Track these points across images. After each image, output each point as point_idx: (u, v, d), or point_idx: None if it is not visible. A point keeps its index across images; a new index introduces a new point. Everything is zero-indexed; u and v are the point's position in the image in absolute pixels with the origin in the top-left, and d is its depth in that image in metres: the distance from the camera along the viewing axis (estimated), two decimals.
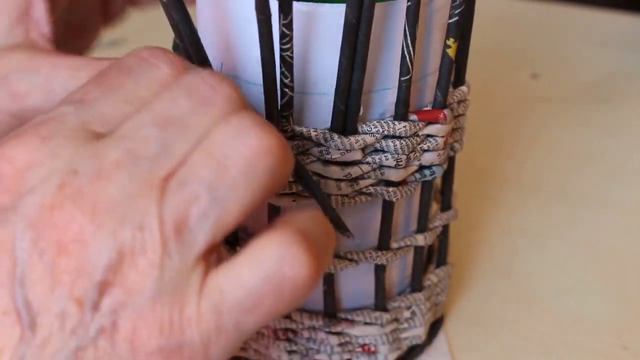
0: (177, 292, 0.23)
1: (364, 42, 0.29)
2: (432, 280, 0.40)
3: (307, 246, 0.24)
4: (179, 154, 0.24)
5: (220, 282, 0.24)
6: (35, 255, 0.23)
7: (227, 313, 0.24)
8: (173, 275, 0.23)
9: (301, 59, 0.31)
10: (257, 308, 0.24)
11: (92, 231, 0.23)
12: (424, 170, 0.35)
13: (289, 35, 0.29)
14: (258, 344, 0.38)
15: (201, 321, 0.24)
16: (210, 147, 0.24)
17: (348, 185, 0.33)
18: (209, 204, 0.24)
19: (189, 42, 0.28)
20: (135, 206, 0.23)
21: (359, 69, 0.30)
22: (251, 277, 0.24)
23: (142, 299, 0.23)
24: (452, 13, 0.32)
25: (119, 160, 0.24)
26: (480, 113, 0.58)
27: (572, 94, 0.64)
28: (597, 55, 0.68)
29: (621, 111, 0.62)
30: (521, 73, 0.66)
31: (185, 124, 0.24)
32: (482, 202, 0.52)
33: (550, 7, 0.76)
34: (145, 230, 0.23)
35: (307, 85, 0.32)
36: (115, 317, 0.23)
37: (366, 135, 0.32)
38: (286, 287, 0.24)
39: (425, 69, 0.34)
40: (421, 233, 0.37)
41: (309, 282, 0.24)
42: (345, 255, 0.36)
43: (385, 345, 0.39)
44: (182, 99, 0.25)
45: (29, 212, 0.23)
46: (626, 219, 0.51)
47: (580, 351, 0.42)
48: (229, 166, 0.24)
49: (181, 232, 0.24)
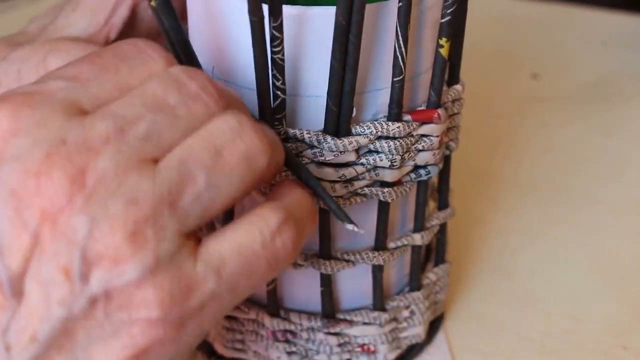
0: (174, 263, 0.24)
1: (355, 43, 0.29)
2: (430, 278, 0.40)
3: (294, 220, 0.26)
4: (169, 137, 0.24)
5: (218, 248, 0.25)
6: (17, 222, 0.23)
7: (225, 277, 0.25)
8: (167, 248, 0.24)
9: (293, 62, 0.31)
10: (252, 274, 0.25)
11: (81, 201, 0.23)
12: (419, 170, 0.35)
13: (279, 37, 0.29)
14: (257, 345, 0.39)
15: (200, 286, 0.24)
16: (209, 136, 0.25)
17: (343, 187, 0.33)
18: (204, 187, 0.24)
19: (179, 47, 0.29)
20: (127, 180, 0.23)
21: (351, 70, 0.30)
22: (247, 242, 0.25)
23: (136, 271, 0.23)
24: (444, 12, 0.32)
25: (109, 135, 0.24)
26: (479, 113, 0.58)
27: (572, 94, 0.64)
28: (597, 55, 0.68)
29: (621, 111, 0.62)
30: (521, 73, 0.66)
31: (175, 114, 0.25)
32: (481, 201, 0.52)
33: (550, 7, 0.76)
34: (139, 204, 0.23)
35: (299, 87, 0.32)
36: (108, 288, 0.23)
37: (360, 136, 0.32)
38: (279, 254, 0.26)
39: (417, 68, 0.34)
40: (418, 232, 0.37)
41: (293, 254, 0.26)
42: (342, 256, 0.36)
43: (384, 345, 0.39)
44: (173, 92, 0.25)
45: (12, 178, 0.23)
46: (626, 218, 0.51)
47: (580, 351, 0.42)
48: (226, 156, 0.25)
49: (174, 209, 0.24)
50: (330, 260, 0.36)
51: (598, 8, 0.75)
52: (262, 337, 0.38)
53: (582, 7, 0.75)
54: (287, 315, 0.37)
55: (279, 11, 0.28)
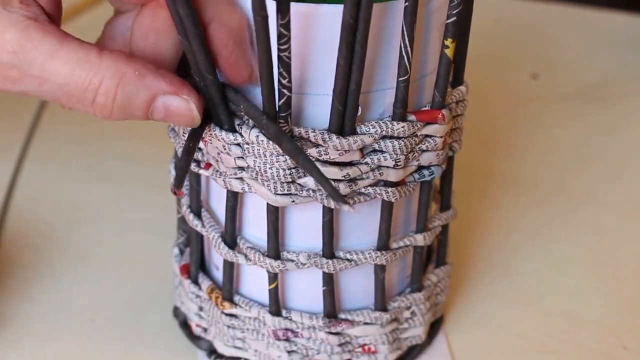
0: None
1: (362, 42, 0.29)
2: (431, 280, 0.40)
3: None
4: None
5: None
6: None
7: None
8: None
9: (301, 60, 0.31)
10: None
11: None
12: (423, 171, 0.35)
13: (286, 35, 0.29)
14: (258, 343, 0.39)
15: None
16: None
17: (347, 186, 0.33)
18: None
19: (193, 37, 0.28)
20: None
21: (357, 69, 0.30)
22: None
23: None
24: (450, 13, 0.32)
25: None
26: (480, 113, 0.58)
27: (572, 94, 0.64)
28: (597, 55, 0.68)
29: (621, 111, 0.62)
30: (521, 73, 0.66)
31: None
32: (482, 202, 0.52)
33: (550, 7, 0.76)
34: None
35: (306, 85, 0.32)
36: None
37: (364, 135, 0.32)
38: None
39: (423, 69, 0.34)
40: (420, 233, 0.37)
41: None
42: (345, 255, 0.36)
43: (385, 345, 0.39)
44: None
45: None
46: (626, 218, 0.51)
47: (580, 351, 0.42)
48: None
49: None
50: (332, 260, 0.35)
51: (598, 8, 0.75)
52: (263, 335, 0.38)
53: (582, 7, 0.75)
54: (288, 314, 0.37)
55: (287, 9, 0.28)
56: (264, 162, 0.33)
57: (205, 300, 0.39)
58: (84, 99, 0.31)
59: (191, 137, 0.33)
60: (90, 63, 0.30)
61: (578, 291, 0.46)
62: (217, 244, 0.37)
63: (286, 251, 0.36)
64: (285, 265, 0.36)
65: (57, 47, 0.30)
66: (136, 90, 0.31)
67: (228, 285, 0.38)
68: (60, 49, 0.30)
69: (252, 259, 0.36)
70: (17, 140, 0.56)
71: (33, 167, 0.54)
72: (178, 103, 0.31)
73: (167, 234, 0.46)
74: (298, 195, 0.33)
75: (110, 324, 0.43)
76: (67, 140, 0.57)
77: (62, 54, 0.30)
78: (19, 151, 0.55)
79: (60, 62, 0.30)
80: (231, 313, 0.38)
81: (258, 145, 0.32)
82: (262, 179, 0.33)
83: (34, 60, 0.30)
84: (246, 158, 0.33)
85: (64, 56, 0.30)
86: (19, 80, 0.30)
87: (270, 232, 0.35)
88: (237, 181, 0.34)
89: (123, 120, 0.32)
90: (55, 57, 0.30)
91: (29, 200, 0.51)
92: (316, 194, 0.33)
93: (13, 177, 0.53)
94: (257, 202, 0.35)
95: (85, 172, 0.54)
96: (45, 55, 0.30)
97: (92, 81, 0.30)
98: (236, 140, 0.33)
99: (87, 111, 0.31)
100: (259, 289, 0.37)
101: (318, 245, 0.35)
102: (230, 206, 0.36)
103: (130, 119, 0.32)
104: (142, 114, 0.31)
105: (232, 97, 0.32)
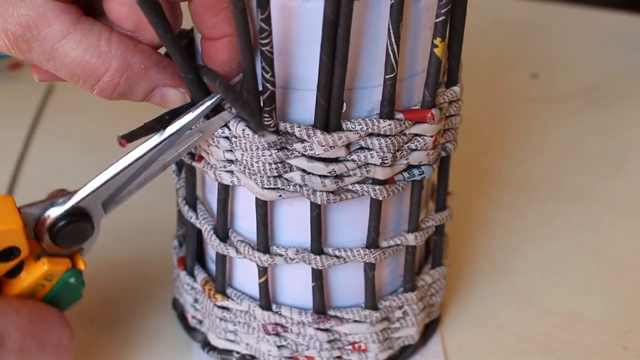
0: None
1: (344, 38, 0.29)
2: (426, 280, 0.40)
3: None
4: None
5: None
6: None
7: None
8: None
9: (286, 55, 0.31)
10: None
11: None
12: (413, 170, 0.35)
13: (267, 29, 0.29)
14: (249, 337, 0.39)
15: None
16: None
17: (333, 182, 0.33)
18: None
19: (164, 40, 0.29)
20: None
21: (340, 65, 0.30)
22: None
23: None
24: (438, 12, 0.32)
25: None
26: (479, 113, 0.58)
27: (572, 94, 0.63)
28: (597, 55, 0.68)
29: (621, 111, 0.61)
30: (521, 73, 0.66)
31: None
32: (481, 201, 0.52)
33: (550, 7, 0.75)
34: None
35: (292, 80, 0.32)
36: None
37: (350, 132, 0.32)
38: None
39: (413, 68, 0.34)
40: (412, 233, 0.37)
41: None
42: (334, 252, 0.36)
43: (375, 344, 0.38)
44: None
45: None
46: (626, 218, 0.51)
47: (580, 351, 0.42)
48: None
49: None
50: (321, 256, 0.35)
51: (598, 8, 0.74)
52: (253, 329, 0.38)
53: (582, 7, 0.75)
54: (278, 309, 0.37)
55: (267, 3, 0.28)
56: (250, 155, 0.33)
57: (199, 292, 0.39)
58: (87, 81, 0.32)
59: (171, 112, 0.34)
60: (99, 50, 0.31)
61: (578, 291, 0.46)
62: (209, 236, 0.37)
63: (275, 245, 0.36)
64: (274, 259, 0.36)
65: (70, 29, 0.31)
66: (138, 82, 0.32)
67: (221, 278, 0.38)
68: (74, 31, 0.31)
69: (242, 252, 0.36)
70: (18, 139, 0.56)
71: (33, 167, 0.54)
72: (175, 95, 0.33)
73: (167, 233, 0.46)
74: (285, 190, 0.33)
75: (110, 323, 0.43)
76: (67, 140, 0.57)
77: (74, 36, 0.31)
78: (19, 150, 0.55)
79: (70, 45, 0.31)
80: (223, 305, 0.38)
81: (244, 138, 0.33)
82: (249, 172, 0.33)
83: (46, 38, 0.31)
84: (234, 151, 0.33)
85: (75, 39, 0.31)
86: (29, 51, 0.32)
87: (259, 226, 0.35)
88: (227, 174, 0.35)
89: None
90: (67, 39, 0.31)
91: (29, 200, 0.51)
92: (303, 189, 0.33)
93: (13, 177, 0.53)
94: (247, 195, 0.35)
95: (86, 172, 0.54)
96: (57, 36, 0.31)
97: (99, 68, 0.31)
98: (224, 133, 0.33)
99: (86, 89, 0.32)
100: (250, 282, 0.38)
101: (307, 241, 0.35)
102: (221, 199, 0.36)
103: (127, 100, 0.33)
104: (139, 100, 0.33)
105: (206, 73, 0.32)
